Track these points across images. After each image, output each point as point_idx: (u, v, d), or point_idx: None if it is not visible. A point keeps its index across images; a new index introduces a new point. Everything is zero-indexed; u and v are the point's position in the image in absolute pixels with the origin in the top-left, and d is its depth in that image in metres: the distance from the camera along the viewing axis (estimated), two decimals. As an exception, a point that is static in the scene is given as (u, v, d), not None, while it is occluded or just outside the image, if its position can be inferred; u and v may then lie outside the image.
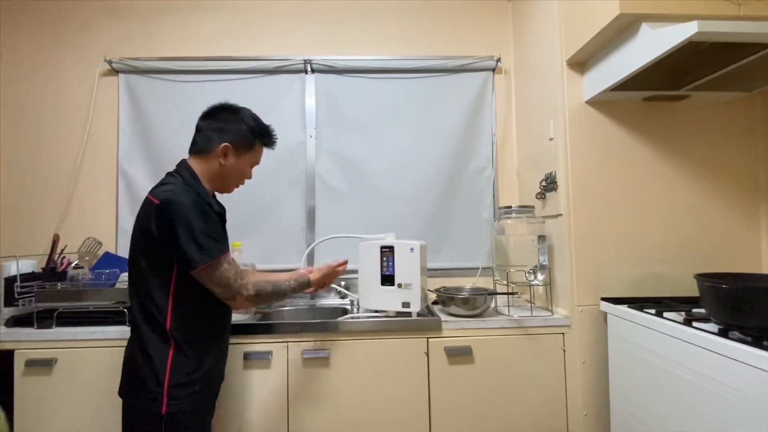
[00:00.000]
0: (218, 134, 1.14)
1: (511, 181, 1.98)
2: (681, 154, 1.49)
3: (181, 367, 1.03)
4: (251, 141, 1.18)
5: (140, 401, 1.03)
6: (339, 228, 1.86)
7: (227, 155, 1.14)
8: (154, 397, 1.01)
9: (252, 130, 1.17)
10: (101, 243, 1.79)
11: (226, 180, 1.18)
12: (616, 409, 1.38)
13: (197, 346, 1.07)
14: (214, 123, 1.15)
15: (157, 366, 1.02)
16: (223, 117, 1.16)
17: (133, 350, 1.05)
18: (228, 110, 1.18)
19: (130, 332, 1.08)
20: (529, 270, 1.54)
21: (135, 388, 1.04)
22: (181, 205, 1.01)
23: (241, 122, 1.16)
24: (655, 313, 1.22)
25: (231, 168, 1.16)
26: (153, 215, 1.02)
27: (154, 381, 1.01)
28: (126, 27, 1.92)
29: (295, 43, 1.95)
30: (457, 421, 1.43)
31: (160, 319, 1.03)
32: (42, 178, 1.85)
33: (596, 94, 1.43)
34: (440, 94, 1.96)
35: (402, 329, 1.43)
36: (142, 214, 1.06)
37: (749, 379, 0.89)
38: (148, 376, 1.01)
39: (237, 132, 1.15)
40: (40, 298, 1.41)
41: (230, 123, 1.15)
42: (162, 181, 1.11)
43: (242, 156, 1.17)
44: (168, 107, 1.89)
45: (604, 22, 1.26)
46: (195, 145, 1.16)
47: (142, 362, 1.03)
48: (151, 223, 1.02)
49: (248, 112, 1.20)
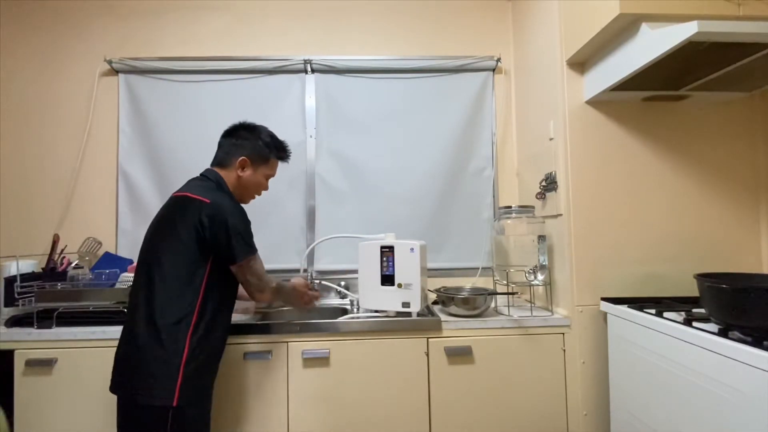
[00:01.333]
0: (237, 149, 1.26)
1: (511, 181, 1.98)
2: (681, 154, 1.49)
3: (195, 360, 1.08)
4: (266, 155, 1.30)
5: (147, 396, 1.04)
6: (339, 228, 1.86)
7: (245, 168, 1.26)
8: (166, 391, 1.04)
9: (267, 144, 1.30)
10: (101, 243, 1.79)
11: (244, 190, 1.30)
12: (616, 409, 1.38)
13: (211, 341, 1.14)
14: (233, 139, 1.28)
15: (173, 359, 1.05)
16: (242, 134, 1.29)
17: (143, 345, 1.06)
18: (246, 128, 1.30)
19: (134, 327, 1.09)
20: (529, 270, 1.54)
21: (144, 382, 1.05)
22: (230, 206, 1.15)
23: (258, 138, 1.29)
24: (655, 313, 1.22)
25: (248, 179, 1.27)
26: (206, 212, 1.11)
27: (167, 375, 1.05)
28: (126, 27, 1.92)
29: (295, 43, 1.95)
30: (457, 421, 1.43)
31: (184, 314, 1.08)
32: (42, 178, 1.85)
33: (596, 94, 1.43)
34: (440, 94, 1.96)
35: (402, 329, 1.43)
36: (187, 209, 1.12)
37: (749, 379, 0.89)
38: (162, 369, 1.05)
39: (253, 147, 1.28)
40: (40, 298, 1.41)
41: (247, 139, 1.28)
42: (196, 184, 1.20)
43: (258, 168, 1.29)
44: (168, 107, 1.89)
45: (604, 22, 1.26)
46: (216, 158, 1.29)
47: (155, 356, 1.05)
48: (202, 219, 1.10)
49: (265, 129, 1.33)
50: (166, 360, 1.05)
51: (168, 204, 1.20)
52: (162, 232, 1.15)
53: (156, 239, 1.15)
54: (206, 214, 1.11)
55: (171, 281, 1.10)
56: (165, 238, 1.13)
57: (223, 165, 1.27)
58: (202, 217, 1.10)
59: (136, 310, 1.10)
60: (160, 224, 1.17)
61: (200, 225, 1.10)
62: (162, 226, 1.16)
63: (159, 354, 1.05)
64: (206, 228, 1.10)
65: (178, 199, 1.17)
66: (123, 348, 1.11)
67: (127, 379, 1.08)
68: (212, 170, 1.26)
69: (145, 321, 1.07)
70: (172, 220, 1.14)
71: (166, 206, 1.20)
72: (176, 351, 1.06)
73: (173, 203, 1.18)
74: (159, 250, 1.12)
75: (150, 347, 1.06)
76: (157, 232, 1.16)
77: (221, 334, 1.19)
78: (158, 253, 1.12)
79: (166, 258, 1.11)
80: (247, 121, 1.32)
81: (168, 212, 1.17)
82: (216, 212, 1.11)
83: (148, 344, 1.06)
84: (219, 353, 1.20)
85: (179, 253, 1.11)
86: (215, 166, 1.28)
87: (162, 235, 1.14)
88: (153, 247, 1.14)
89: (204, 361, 1.11)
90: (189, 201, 1.14)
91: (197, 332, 1.09)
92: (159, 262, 1.11)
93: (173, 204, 1.18)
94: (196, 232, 1.10)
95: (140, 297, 1.10)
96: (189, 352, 1.07)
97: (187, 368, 1.07)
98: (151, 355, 1.05)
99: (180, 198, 1.16)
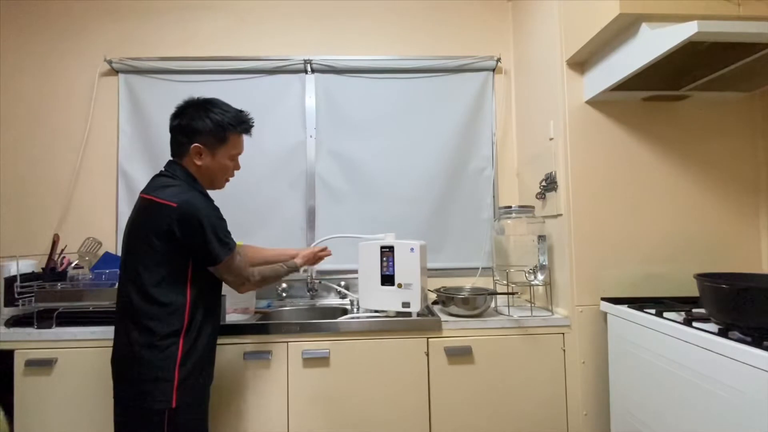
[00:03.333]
0: (187, 136, 1.12)
1: (511, 181, 1.98)
2: (681, 154, 1.49)
3: (190, 361, 1.07)
4: (222, 134, 1.14)
5: (147, 400, 1.03)
6: (339, 228, 1.86)
7: (201, 155, 1.13)
8: (163, 394, 1.03)
9: (220, 123, 1.13)
10: (101, 243, 1.79)
11: (210, 178, 1.18)
12: (616, 409, 1.38)
13: (204, 339, 1.12)
14: (182, 122, 1.13)
15: (169, 362, 1.04)
16: (189, 114, 1.13)
17: (139, 350, 1.04)
18: (194, 106, 1.15)
19: (125, 333, 1.06)
20: (529, 270, 1.54)
21: (144, 386, 1.03)
22: (201, 206, 1.06)
23: (206, 118, 1.12)
24: (655, 313, 1.22)
25: (208, 167, 1.14)
26: (174, 217, 1.03)
27: (164, 378, 1.03)
28: (126, 27, 1.92)
29: (295, 43, 1.95)
30: (457, 421, 1.43)
31: (174, 318, 1.06)
32: (42, 178, 1.85)
33: (596, 94, 1.43)
34: (440, 94, 1.96)
35: (402, 329, 1.43)
36: (154, 216, 1.05)
37: (749, 379, 0.89)
38: (160, 373, 1.03)
39: (204, 129, 1.11)
40: (40, 298, 1.41)
41: (196, 120, 1.12)
42: (161, 183, 1.10)
43: (217, 152, 1.15)
44: (168, 107, 1.82)
45: (604, 22, 1.26)
46: (171, 148, 1.16)
47: (152, 360, 1.03)
48: (172, 225, 1.03)
49: (213, 102, 1.16)
50: (161, 365, 1.04)
51: (137, 207, 1.11)
52: (135, 241, 1.08)
53: (132, 248, 1.08)
54: (175, 219, 1.03)
55: (155, 292, 1.05)
56: (139, 249, 1.06)
57: (178, 155, 1.14)
58: (172, 225, 1.03)
59: (125, 315, 1.07)
60: (132, 232, 1.09)
61: (171, 233, 1.03)
62: (134, 235, 1.08)
63: (154, 358, 1.03)
64: (178, 235, 1.03)
65: (145, 201, 1.08)
66: (118, 354, 1.09)
67: (126, 385, 1.07)
68: (172, 163, 1.15)
69: (137, 327, 1.05)
70: (143, 227, 1.07)
71: (136, 210, 1.11)
72: (171, 355, 1.05)
73: (141, 208, 1.09)
74: (137, 262, 1.06)
75: (145, 352, 1.04)
76: (131, 240, 1.09)
77: (212, 331, 1.16)
78: (136, 264, 1.06)
79: (146, 270, 1.05)
80: (195, 97, 1.17)
81: (138, 217, 1.09)
82: (185, 216, 1.03)
83: (142, 349, 1.04)
84: (213, 351, 1.19)
85: (158, 264, 1.05)
86: (174, 156, 1.16)
87: (136, 244, 1.07)
88: (131, 259, 1.08)
89: (197, 361, 1.09)
90: (156, 207, 1.05)
91: (190, 334, 1.07)
92: (137, 273, 1.05)
93: (142, 209, 1.09)
94: (168, 240, 1.04)
95: (127, 302, 1.07)
96: (183, 354, 1.05)
97: (182, 370, 1.05)
98: (147, 359, 1.03)
99: (146, 201, 1.07)
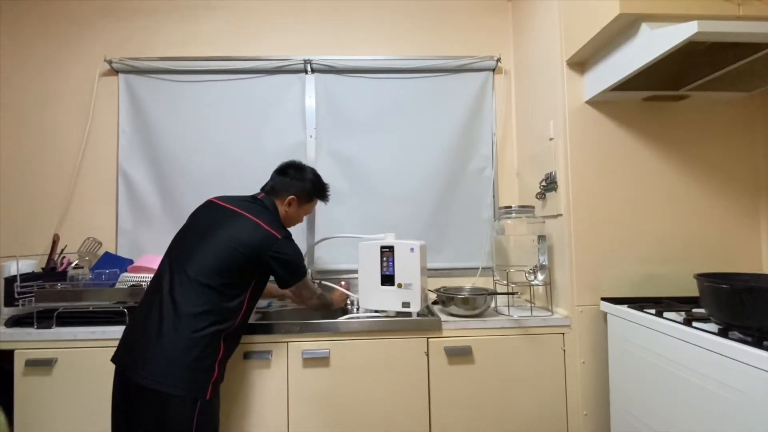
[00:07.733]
0: (287, 186, 1.39)
1: (511, 181, 1.98)
2: (681, 154, 1.49)
3: (225, 360, 1.19)
4: (311, 196, 1.44)
5: (185, 389, 1.09)
6: (339, 228, 1.86)
7: (291, 204, 1.38)
8: (205, 385, 1.12)
9: (313, 186, 1.43)
10: (101, 243, 1.79)
11: (286, 222, 1.40)
12: (616, 409, 1.38)
13: (236, 342, 1.26)
14: (285, 177, 1.40)
15: (215, 357, 1.14)
16: (291, 173, 1.41)
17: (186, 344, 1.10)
18: (295, 167, 1.43)
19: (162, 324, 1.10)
20: (529, 270, 1.54)
21: (197, 375, 1.10)
22: (292, 243, 1.27)
23: (305, 179, 1.42)
24: (655, 313, 1.22)
25: (291, 214, 1.41)
26: (274, 248, 1.21)
27: (210, 369, 1.13)
28: (126, 27, 1.92)
29: (295, 43, 1.95)
30: (457, 421, 1.43)
31: (227, 320, 1.17)
32: (42, 178, 1.85)
33: (596, 94, 1.43)
34: (440, 94, 1.96)
35: (402, 329, 1.43)
36: (254, 234, 1.21)
37: (749, 379, 0.89)
38: (203, 367, 1.12)
39: (301, 188, 1.40)
40: (40, 298, 1.41)
41: (297, 179, 1.40)
42: (258, 208, 1.29)
43: (302, 206, 1.43)
44: (168, 107, 1.89)
45: (604, 22, 1.26)
46: (267, 187, 1.40)
47: (199, 355, 1.11)
48: (269, 250, 1.20)
49: (310, 170, 1.46)
50: (213, 358, 1.14)
51: (226, 214, 1.25)
52: (216, 241, 1.19)
53: (210, 244, 1.19)
54: (276, 249, 1.21)
55: (226, 291, 1.16)
56: (221, 250, 1.17)
57: (275, 196, 1.38)
58: (272, 252, 1.20)
59: (162, 306, 1.12)
60: (214, 233, 1.20)
61: (267, 257, 1.20)
62: (217, 237, 1.19)
63: (211, 350, 1.13)
64: (271, 260, 1.21)
65: (242, 217, 1.24)
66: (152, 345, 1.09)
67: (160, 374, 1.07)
68: (270, 199, 1.36)
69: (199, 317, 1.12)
70: (234, 236, 1.19)
71: (224, 216, 1.25)
72: (217, 350, 1.15)
73: (234, 218, 1.24)
74: (213, 258, 1.16)
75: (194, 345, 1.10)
76: (211, 239, 1.19)
77: (239, 337, 1.30)
78: (210, 260, 1.16)
79: (221, 268, 1.16)
80: (296, 161, 1.45)
81: (227, 224, 1.22)
82: (284, 250, 1.23)
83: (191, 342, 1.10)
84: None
85: (237, 267, 1.18)
86: (268, 194, 1.38)
87: (217, 243, 1.18)
88: (206, 253, 1.17)
89: (227, 361, 1.22)
90: (257, 228, 1.21)
91: (233, 335, 1.22)
92: (210, 268, 1.15)
93: (236, 220, 1.23)
94: (257, 258, 1.19)
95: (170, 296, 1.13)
96: (224, 351, 1.17)
97: (220, 366, 1.16)
98: (204, 349, 1.12)
99: (245, 218, 1.23)
